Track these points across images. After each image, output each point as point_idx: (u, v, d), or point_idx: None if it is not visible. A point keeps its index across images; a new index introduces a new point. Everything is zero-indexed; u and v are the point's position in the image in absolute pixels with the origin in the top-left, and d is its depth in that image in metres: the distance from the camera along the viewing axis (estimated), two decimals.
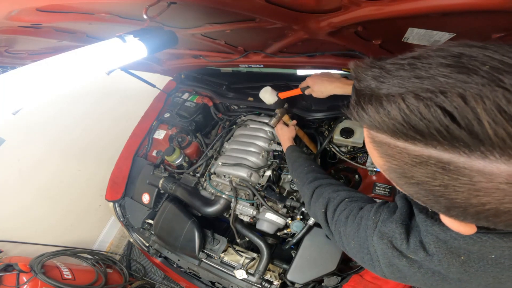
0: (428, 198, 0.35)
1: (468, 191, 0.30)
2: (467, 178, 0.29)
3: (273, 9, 0.74)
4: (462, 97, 0.27)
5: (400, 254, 0.54)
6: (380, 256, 0.57)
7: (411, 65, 0.32)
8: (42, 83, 0.58)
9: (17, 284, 1.49)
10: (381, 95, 0.33)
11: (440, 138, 0.29)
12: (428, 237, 0.50)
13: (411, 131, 0.30)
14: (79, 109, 2.23)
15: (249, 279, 1.23)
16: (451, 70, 0.29)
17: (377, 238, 0.57)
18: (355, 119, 0.37)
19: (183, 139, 1.72)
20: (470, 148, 0.28)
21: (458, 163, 0.29)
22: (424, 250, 0.50)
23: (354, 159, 1.36)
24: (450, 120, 0.28)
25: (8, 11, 0.63)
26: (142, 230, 1.55)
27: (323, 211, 0.77)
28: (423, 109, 0.29)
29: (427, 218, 0.50)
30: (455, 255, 0.47)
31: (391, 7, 0.63)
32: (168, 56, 1.63)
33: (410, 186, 0.36)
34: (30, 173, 1.98)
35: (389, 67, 0.34)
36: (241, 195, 1.35)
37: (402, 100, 0.30)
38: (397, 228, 0.55)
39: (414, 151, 0.32)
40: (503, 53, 0.28)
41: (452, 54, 0.31)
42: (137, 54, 0.71)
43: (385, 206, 0.62)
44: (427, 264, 0.51)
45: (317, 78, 1.11)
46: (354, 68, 0.38)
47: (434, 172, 0.31)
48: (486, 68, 0.28)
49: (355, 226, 0.65)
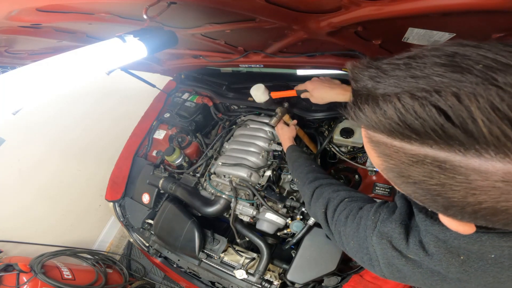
0: (426, 198, 0.35)
1: (465, 190, 0.30)
2: (463, 176, 0.29)
3: (273, 9, 0.74)
4: (456, 96, 0.27)
5: (400, 254, 0.54)
6: (380, 256, 0.57)
7: (406, 64, 0.33)
8: (42, 83, 0.58)
9: (17, 284, 1.49)
10: (378, 95, 0.33)
11: (435, 137, 0.29)
12: (428, 236, 0.50)
13: (407, 130, 0.31)
14: (79, 109, 2.23)
15: (249, 279, 1.23)
16: (445, 69, 0.29)
17: (377, 238, 0.57)
18: (353, 119, 0.37)
19: (183, 139, 1.72)
20: (465, 146, 0.28)
21: (454, 161, 0.29)
22: (424, 250, 0.50)
23: (354, 159, 1.36)
24: (445, 118, 0.28)
25: (8, 11, 0.63)
26: (142, 230, 1.55)
27: (323, 211, 0.77)
28: (418, 108, 0.29)
29: (427, 218, 0.50)
30: (454, 254, 0.47)
31: (391, 7, 0.63)
32: (168, 56, 1.63)
33: (407, 185, 0.36)
34: (30, 173, 1.98)
35: (385, 67, 0.34)
36: (241, 195, 1.35)
37: (398, 99, 0.31)
38: (397, 228, 0.55)
39: (411, 150, 0.32)
40: (496, 51, 0.28)
41: (446, 53, 0.31)
42: (137, 54, 0.71)
43: (384, 206, 0.62)
44: (426, 264, 0.51)
45: (318, 84, 1.07)
46: (351, 68, 0.38)
47: (431, 171, 0.31)
48: (479, 67, 0.28)
49: (354, 226, 0.65)
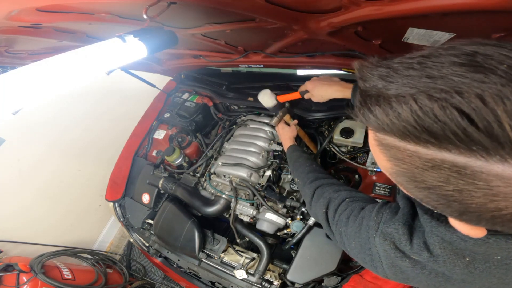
0: (439, 203, 0.33)
1: (485, 196, 0.29)
2: (483, 182, 0.28)
3: (273, 9, 0.74)
4: (480, 97, 0.26)
5: (403, 255, 0.53)
6: (383, 257, 0.57)
7: (421, 64, 0.31)
8: (42, 83, 0.57)
9: (17, 284, 1.49)
10: (390, 96, 0.31)
11: (456, 141, 0.27)
12: (433, 238, 0.49)
13: (425, 134, 0.29)
14: (79, 109, 2.23)
15: (249, 279, 1.23)
16: (466, 69, 0.27)
17: (380, 239, 0.57)
18: (361, 121, 0.35)
19: (183, 139, 1.72)
20: (488, 151, 0.26)
21: (474, 167, 0.28)
22: (428, 251, 0.50)
23: (354, 159, 1.36)
24: (468, 122, 0.26)
25: (8, 11, 0.63)
26: (142, 230, 1.55)
27: (324, 211, 0.77)
28: (438, 111, 0.27)
29: (432, 219, 0.49)
30: (460, 256, 0.46)
31: (391, 7, 0.62)
32: (168, 56, 1.63)
33: (420, 190, 0.34)
34: (30, 173, 1.98)
35: (397, 66, 0.32)
36: (241, 195, 1.35)
37: (414, 101, 0.29)
38: (400, 229, 0.54)
39: (426, 154, 0.30)
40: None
41: (465, 52, 0.29)
42: (137, 54, 0.71)
43: (387, 207, 0.62)
44: (430, 265, 0.50)
45: (317, 82, 1.09)
46: (359, 67, 0.36)
47: (448, 177, 0.30)
48: (504, 67, 0.26)
49: (356, 226, 0.64)
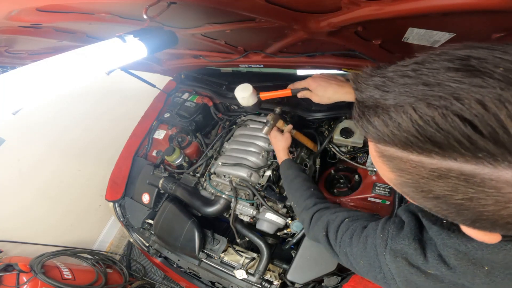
0: (450, 212, 0.33)
1: (497, 203, 0.28)
2: (494, 189, 0.27)
3: (273, 9, 0.74)
4: (481, 103, 0.25)
5: (418, 270, 0.52)
6: (395, 274, 0.56)
7: (415, 71, 0.30)
8: (42, 83, 0.57)
9: (17, 284, 1.49)
10: (388, 106, 0.30)
11: (461, 149, 0.27)
12: (447, 250, 0.48)
13: (428, 144, 0.28)
14: (79, 109, 2.23)
15: (249, 279, 1.23)
16: (462, 74, 0.27)
17: (390, 256, 0.55)
18: (361, 133, 0.35)
19: (183, 139, 1.72)
20: (496, 158, 0.26)
21: (482, 174, 0.27)
22: (445, 264, 0.48)
23: (354, 159, 1.36)
24: (472, 129, 0.25)
25: (8, 11, 0.63)
26: (142, 230, 1.55)
27: (324, 234, 0.76)
28: (439, 119, 0.27)
29: (442, 231, 0.48)
30: (478, 266, 0.45)
31: (391, 7, 0.62)
32: (168, 56, 1.63)
33: (427, 200, 0.33)
34: (30, 173, 1.98)
35: (391, 75, 0.32)
36: (241, 195, 1.35)
37: (413, 110, 0.28)
38: (411, 244, 0.53)
39: (431, 164, 0.29)
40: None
41: (458, 57, 0.28)
42: (137, 54, 0.71)
43: (390, 222, 0.60)
44: (449, 278, 0.49)
45: (322, 81, 0.91)
46: (354, 78, 0.36)
47: (456, 185, 0.29)
48: (500, 71, 0.26)
49: (361, 245, 0.63)
